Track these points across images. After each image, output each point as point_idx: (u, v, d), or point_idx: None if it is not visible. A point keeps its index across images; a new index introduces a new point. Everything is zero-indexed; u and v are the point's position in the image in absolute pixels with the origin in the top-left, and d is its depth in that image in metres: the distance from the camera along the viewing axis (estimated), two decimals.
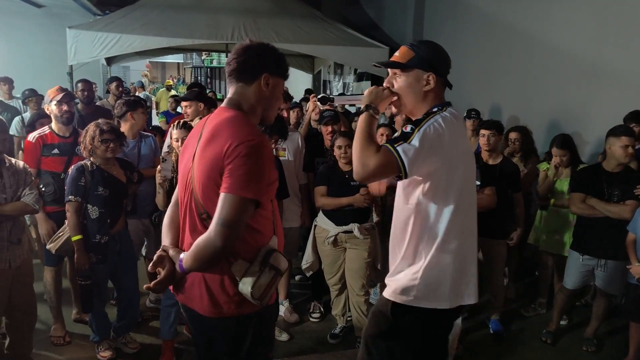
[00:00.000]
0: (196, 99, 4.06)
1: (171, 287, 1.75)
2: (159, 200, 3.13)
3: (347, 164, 3.27)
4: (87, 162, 3.01)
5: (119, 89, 6.37)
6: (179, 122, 3.42)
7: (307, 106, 5.03)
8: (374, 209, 3.64)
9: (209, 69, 21.50)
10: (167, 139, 3.94)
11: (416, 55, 1.75)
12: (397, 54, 1.81)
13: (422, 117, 1.70)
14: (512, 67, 5.65)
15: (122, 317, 3.33)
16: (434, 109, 1.72)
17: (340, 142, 3.32)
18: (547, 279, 4.13)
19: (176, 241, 1.78)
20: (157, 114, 10.38)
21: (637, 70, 4.08)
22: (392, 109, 1.89)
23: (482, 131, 3.69)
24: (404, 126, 1.71)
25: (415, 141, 1.61)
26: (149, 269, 1.73)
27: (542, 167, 4.09)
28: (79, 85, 4.73)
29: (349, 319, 3.64)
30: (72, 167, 3.01)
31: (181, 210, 1.75)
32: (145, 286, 1.72)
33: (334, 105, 4.34)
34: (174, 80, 23.40)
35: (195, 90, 4.60)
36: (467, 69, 6.31)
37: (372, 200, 3.37)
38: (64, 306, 3.52)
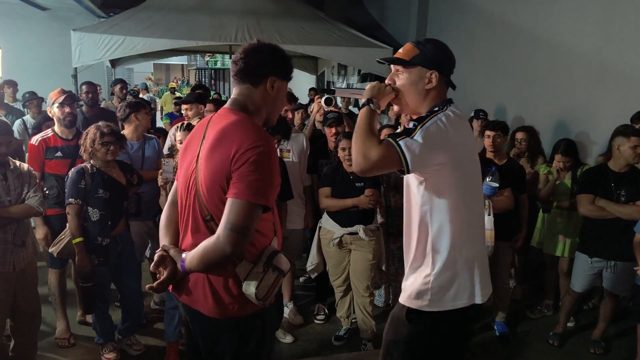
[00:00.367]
0: (197, 101, 4.06)
1: (170, 287, 1.75)
2: (163, 202, 3.13)
3: (352, 165, 3.25)
4: (87, 164, 3.02)
5: (122, 91, 6.38)
6: (183, 124, 3.42)
7: (311, 107, 5.03)
8: (379, 210, 3.63)
9: (213, 71, 21.57)
10: (167, 141, 3.95)
11: (420, 52, 1.72)
12: (401, 50, 1.78)
13: (425, 114, 1.68)
14: (517, 67, 5.62)
15: (126, 318, 3.33)
16: (436, 108, 1.70)
17: (344, 143, 3.31)
18: (553, 281, 4.10)
19: (175, 241, 1.78)
20: (161, 118, 10.41)
21: None
22: (395, 108, 1.87)
23: (487, 132, 3.67)
24: (407, 123, 1.69)
25: (418, 137, 1.58)
26: (151, 269, 1.73)
27: (541, 170, 4.06)
28: (84, 87, 4.74)
29: (353, 320, 3.62)
30: (72, 169, 3.02)
31: (182, 210, 1.75)
32: (147, 286, 1.71)
33: (337, 102, 4.33)
34: (178, 82, 23.43)
35: (195, 92, 4.62)
36: (472, 69, 6.28)
37: (376, 201, 3.36)
38: (69, 308, 3.52)
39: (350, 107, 6.82)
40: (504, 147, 3.83)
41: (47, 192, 3.23)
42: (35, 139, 3.34)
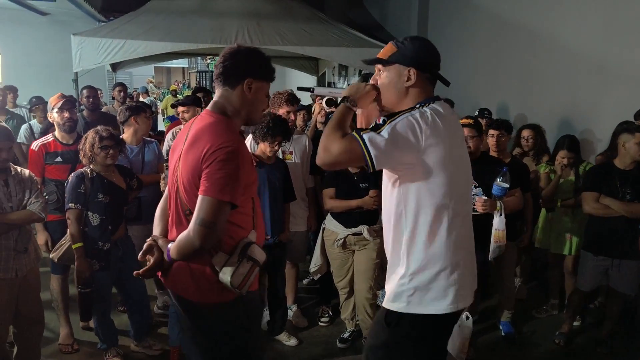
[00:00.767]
0: (193, 104, 4.06)
1: (159, 274, 1.90)
2: None
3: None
4: (87, 169, 3.01)
5: (120, 93, 6.36)
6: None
7: (313, 108, 5.01)
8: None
9: (213, 73, 21.58)
10: (164, 145, 3.94)
11: (398, 50, 1.70)
12: (382, 50, 1.77)
13: (398, 111, 1.65)
14: (518, 66, 5.59)
15: (135, 322, 3.32)
16: (417, 106, 1.65)
17: None
18: (558, 280, 4.07)
19: (166, 231, 1.92)
20: (163, 121, 10.42)
21: None
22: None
23: (490, 131, 3.65)
24: (378, 119, 1.66)
25: (384, 132, 1.55)
26: (139, 257, 1.87)
27: (541, 169, 4.03)
28: (84, 91, 4.73)
29: (357, 322, 3.60)
30: (72, 174, 3.01)
31: (169, 205, 1.90)
32: (135, 272, 1.85)
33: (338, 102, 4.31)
34: (179, 85, 23.46)
35: (191, 95, 4.63)
36: (473, 68, 6.27)
37: (381, 202, 3.33)
38: (72, 314, 3.51)
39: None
40: (508, 145, 3.81)
41: (46, 197, 3.22)
42: (35, 144, 3.33)
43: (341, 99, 1.73)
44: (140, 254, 1.86)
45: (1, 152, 2.64)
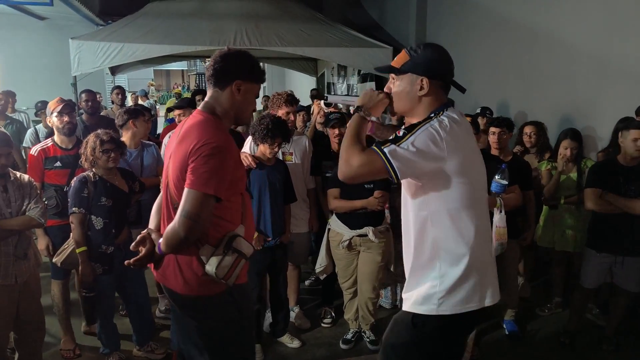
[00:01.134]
0: (189, 106, 4.06)
1: (152, 267, 1.97)
2: None
3: None
4: (90, 172, 3.00)
5: (119, 96, 6.35)
6: None
7: (312, 109, 4.99)
8: (389, 210, 3.59)
9: (205, 75, 21.59)
10: (162, 148, 3.92)
11: (411, 59, 1.72)
12: (396, 58, 1.78)
13: (417, 122, 1.66)
14: (518, 64, 5.57)
15: (138, 326, 3.31)
16: (432, 114, 1.67)
17: None
18: (562, 278, 4.05)
19: (160, 225, 1.99)
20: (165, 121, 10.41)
21: None
22: (394, 119, 1.86)
23: (492, 129, 3.63)
24: (398, 131, 1.68)
25: (406, 144, 1.58)
26: (132, 247, 1.94)
27: (542, 166, 4.00)
28: (83, 95, 4.72)
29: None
30: (75, 178, 3.00)
31: (162, 199, 1.98)
32: (126, 262, 1.91)
33: (338, 107, 4.30)
34: (178, 87, 23.45)
35: (186, 98, 4.66)
36: (473, 66, 6.24)
37: (386, 203, 3.32)
38: (74, 319, 3.50)
39: (351, 108, 6.78)
40: (509, 143, 3.79)
41: (45, 202, 3.20)
42: (34, 149, 3.32)
43: (355, 109, 1.75)
44: (132, 244, 1.93)
45: (0, 158, 2.63)
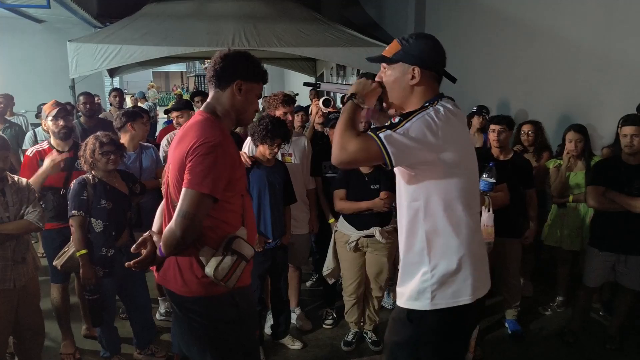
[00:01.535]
0: (186, 108, 4.06)
1: (154, 269, 1.97)
2: None
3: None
4: (89, 175, 2.97)
5: (116, 99, 6.34)
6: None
7: (310, 109, 4.97)
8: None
9: (206, 76, 21.59)
10: (161, 150, 3.90)
11: (402, 48, 1.69)
12: (387, 47, 1.76)
13: (413, 110, 1.65)
14: (519, 61, 5.55)
15: (138, 329, 3.29)
16: (426, 104, 1.66)
17: None
18: (566, 277, 4.02)
19: (162, 228, 1.95)
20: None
21: None
22: (391, 111, 1.83)
23: (492, 126, 3.60)
24: (393, 118, 1.67)
25: (402, 130, 1.55)
26: (132, 249, 1.93)
27: (550, 164, 3.98)
28: (81, 98, 4.71)
29: (362, 324, 3.57)
30: (74, 181, 2.97)
31: (164, 201, 1.98)
32: (127, 264, 1.89)
33: (335, 102, 4.27)
34: (177, 89, 23.43)
35: (183, 100, 4.72)
36: (473, 65, 6.23)
37: (391, 204, 3.29)
38: (73, 323, 3.47)
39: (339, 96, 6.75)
40: (509, 142, 3.77)
41: (43, 206, 3.17)
42: (30, 151, 3.29)
43: (348, 96, 1.72)
44: (133, 247, 1.92)
45: None
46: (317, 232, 3.82)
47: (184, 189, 1.74)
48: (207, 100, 1.93)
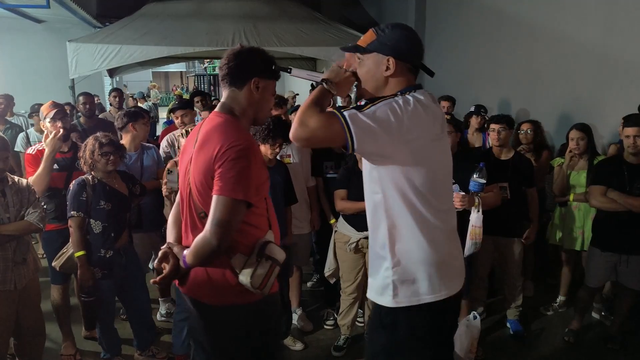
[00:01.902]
0: (189, 107, 4.05)
1: (176, 282, 1.87)
2: (168, 212, 3.07)
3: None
4: (89, 176, 2.96)
5: (116, 99, 6.33)
6: (187, 132, 3.35)
7: None
8: None
9: (211, 77, 21.56)
10: (160, 150, 3.89)
11: (377, 38, 1.65)
12: (362, 37, 1.71)
13: (381, 97, 1.61)
14: (519, 61, 5.54)
15: (138, 331, 3.28)
16: (398, 93, 1.60)
17: None
18: (568, 277, 4.01)
19: (180, 238, 1.90)
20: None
21: None
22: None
23: (492, 125, 3.60)
24: (359, 102, 1.62)
25: (368, 111, 1.49)
26: (155, 265, 1.82)
27: (555, 162, 3.97)
28: (81, 98, 4.70)
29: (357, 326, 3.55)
30: (73, 182, 2.96)
31: (183, 210, 1.87)
32: (152, 280, 1.80)
33: (335, 102, 4.26)
34: (177, 89, 23.40)
35: (185, 99, 4.70)
36: (473, 64, 6.22)
37: None
38: (74, 324, 3.46)
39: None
40: (510, 141, 3.76)
41: (44, 206, 3.16)
42: (31, 149, 3.27)
43: (319, 81, 1.68)
44: (156, 262, 1.82)
45: None
46: (319, 228, 3.82)
47: (215, 196, 1.66)
48: (222, 100, 1.85)
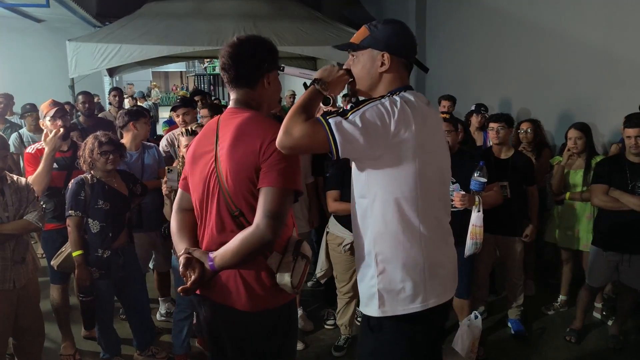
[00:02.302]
0: (190, 105, 4.04)
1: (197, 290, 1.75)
2: (168, 211, 3.06)
3: None
4: (88, 175, 2.95)
5: (116, 98, 6.32)
6: (189, 130, 3.32)
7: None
8: None
9: (211, 76, 21.53)
10: (161, 150, 3.88)
11: (371, 34, 1.62)
12: (355, 34, 1.69)
13: (367, 99, 1.57)
14: (520, 60, 5.53)
15: (137, 331, 3.26)
16: (387, 94, 1.56)
17: None
18: (568, 276, 4.00)
19: (193, 243, 1.79)
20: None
21: None
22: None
23: (491, 124, 3.60)
24: (346, 105, 1.61)
25: (352, 118, 1.45)
26: (180, 272, 1.70)
27: (554, 161, 3.96)
28: (80, 97, 4.69)
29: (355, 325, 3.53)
30: (72, 181, 2.95)
31: (201, 212, 1.77)
32: (179, 289, 1.68)
33: (335, 101, 4.26)
34: (177, 88, 23.38)
35: (186, 97, 4.69)
36: (474, 64, 6.21)
37: None
38: (74, 324, 3.45)
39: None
40: (509, 140, 3.75)
41: (43, 205, 3.15)
42: (31, 148, 3.26)
43: (312, 81, 1.65)
44: (181, 270, 1.69)
45: None
46: (317, 225, 3.82)
47: (265, 189, 1.60)
48: (236, 97, 1.78)
